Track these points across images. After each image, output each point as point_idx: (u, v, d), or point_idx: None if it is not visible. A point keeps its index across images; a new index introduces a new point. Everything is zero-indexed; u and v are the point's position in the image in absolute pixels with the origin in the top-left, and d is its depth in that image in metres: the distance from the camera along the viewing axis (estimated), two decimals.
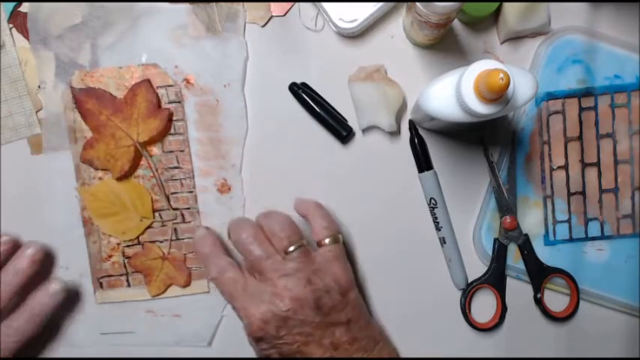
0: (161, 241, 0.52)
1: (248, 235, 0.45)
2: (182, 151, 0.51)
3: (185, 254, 0.52)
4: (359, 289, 0.49)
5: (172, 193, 0.52)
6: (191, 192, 0.52)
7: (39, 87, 0.51)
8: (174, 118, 0.51)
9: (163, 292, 0.52)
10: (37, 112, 0.51)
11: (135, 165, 0.51)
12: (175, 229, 0.52)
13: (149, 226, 0.51)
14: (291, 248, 0.45)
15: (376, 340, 0.47)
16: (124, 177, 0.51)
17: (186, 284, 0.52)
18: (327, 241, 0.47)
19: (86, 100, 0.50)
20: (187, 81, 0.51)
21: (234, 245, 0.47)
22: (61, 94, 0.50)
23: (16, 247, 0.49)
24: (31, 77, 0.51)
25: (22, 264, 0.48)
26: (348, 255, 0.49)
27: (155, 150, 0.51)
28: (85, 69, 0.50)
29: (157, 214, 0.52)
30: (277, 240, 0.45)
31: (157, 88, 0.51)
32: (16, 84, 0.51)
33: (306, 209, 0.48)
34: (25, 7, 0.50)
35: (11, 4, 0.50)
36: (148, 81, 0.50)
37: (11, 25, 0.51)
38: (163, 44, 0.51)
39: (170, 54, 0.51)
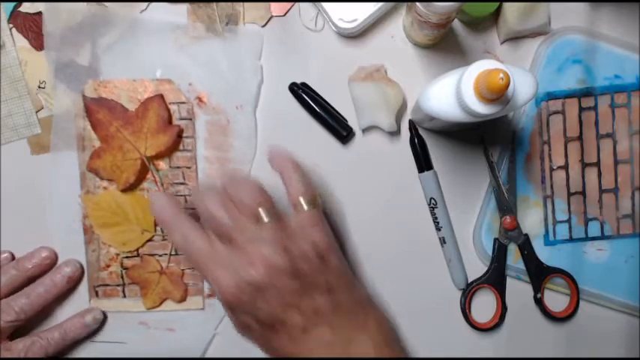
0: (160, 255, 0.52)
1: (214, 202, 0.43)
2: (189, 167, 0.51)
3: (183, 270, 0.52)
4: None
5: None
6: (194, 209, 0.51)
7: (39, 87, 0.51)
8: (184, 134, 0.51)
9: (158, 305, 0.52)
10: (37, 112, 0.51)
11: (140, 178, 0.51)
12: None
13: (149, 239, 0.51)
14: (263, 215, 0.42)
15: (362, 305, 0.45)
16: (128, 189, 0.51)
17: (182, 299, 0.52)
18: (304, 205, 0.44)
19: (97, 110, 0.50)
20: (200, 99, 0.51)
21: (200, 215, 0.44)
22: (72, 100, 0.50)
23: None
24: (31, 77, 0.51)
25: (57, 280, 0.50)
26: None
27: (162, 164, 0.51)
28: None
29: (158, 227, 0.51)
30: (246, 208, 0.43)
31: (170, 104, 0.51)
32: (16, 84, 0.51)
33: (282, 167, 0.45)
34: (28, 8, 0.50)
35: (11, 4, 0.50)
36: (161, 96, 0.50)
37: (11, 25, 0.51)
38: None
39: (184, 70, 0.51)
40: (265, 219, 0.42)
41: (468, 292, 0.52)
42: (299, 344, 0.42)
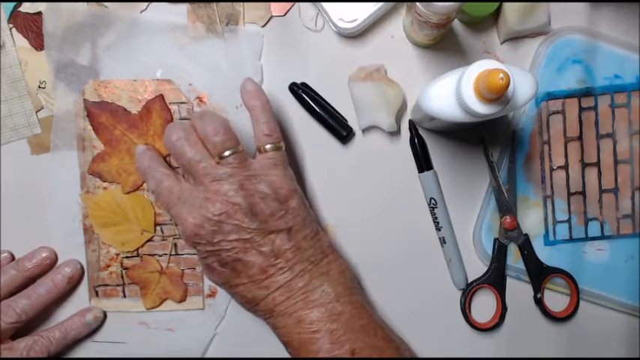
0: (160, 255, 0.52)
1: (179, 137, 0.44)
2: None
3: (183, 270, 0.52)
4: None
5: None
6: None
7: (39, 87, 0.51)
8: None
9: (158, 305, 0.52)
10: (37, 112, 0.51)
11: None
12: (175, 245, 0.52)
13: (149, 240, 0.51)
14: (226, 153, 0.43)
15: (324, 252, 0.45)
16: (133, 191, 0.51)
17: (182, 299, 0.52)
18: (267, 147, 0.45)
19: (99, 114, 0.50)
20: (200, 99, 0.51)
21: (166, 148, 0.45)
22: (73, 100, 0.50)
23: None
24: (31, 77, 0.51)
25: (58, 281, 0.50)
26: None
27: None
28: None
29: (158, 227, 0.51)
30: (211, 144, 0.44)
31: (170, 104, 0.51)
32: (16, 84, 0.51)
33: (252, 106, 0.45)
34: (28, 8, 0.50)
35: (11, 4, 0.50)
36: (162, 97, 0.50)
37: (11, 25, 0.51)
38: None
39: (184, 71, 0.51)
40: (228, 157, 0.43)
41: (468, 292, 0.52)
42: (259, 287, 0.43)
